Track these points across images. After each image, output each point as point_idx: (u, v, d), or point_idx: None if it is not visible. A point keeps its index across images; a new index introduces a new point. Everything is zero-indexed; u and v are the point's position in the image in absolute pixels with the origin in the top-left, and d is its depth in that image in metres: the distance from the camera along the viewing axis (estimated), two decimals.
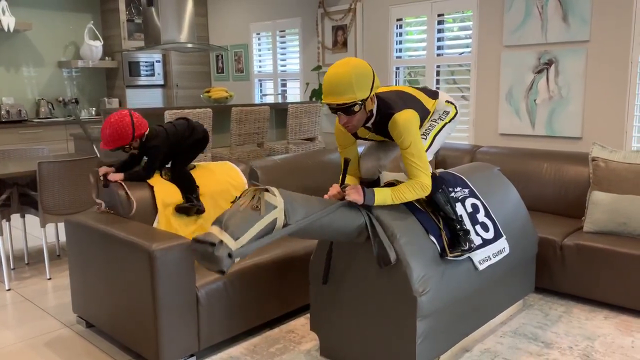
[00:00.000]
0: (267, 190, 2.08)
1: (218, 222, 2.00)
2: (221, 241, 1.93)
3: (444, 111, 2.59)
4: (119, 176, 3.07)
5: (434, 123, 2.55)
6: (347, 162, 2.41)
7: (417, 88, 2.59)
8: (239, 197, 2.10)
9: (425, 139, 2.49)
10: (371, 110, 2.33)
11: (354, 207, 2.31)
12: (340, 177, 2.43)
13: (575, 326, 2.99)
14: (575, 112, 4.64)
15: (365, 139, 2.54)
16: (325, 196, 2.34)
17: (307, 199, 2.21)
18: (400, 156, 2.61)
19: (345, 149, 2.55)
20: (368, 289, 2.44)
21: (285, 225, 2.10)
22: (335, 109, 2.24)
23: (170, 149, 3.17)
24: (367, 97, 2.24)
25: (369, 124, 2.40)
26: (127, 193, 3.01)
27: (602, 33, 4.43)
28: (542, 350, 2.74)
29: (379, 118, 2.36)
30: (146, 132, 3.10)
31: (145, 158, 3.20)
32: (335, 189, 2.35)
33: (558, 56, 4.68)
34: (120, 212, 3.00)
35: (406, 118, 2.29)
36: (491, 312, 2.87)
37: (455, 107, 2.64)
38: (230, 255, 1.93)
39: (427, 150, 2.47)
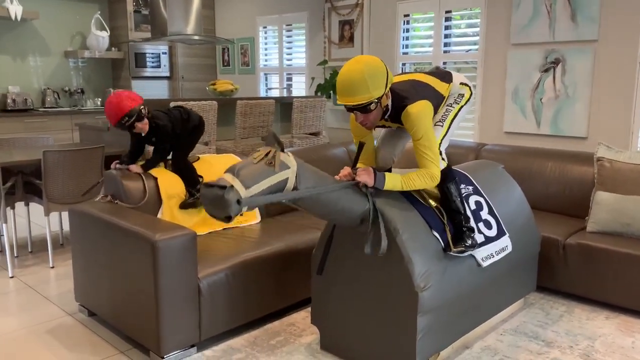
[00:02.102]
0: (282, 151, 2.10)
1: (231, 170, 2.02)
2: (232, 186, 1.94)
3: (459, 94, 2.56)
4: (138, 168, 3.14)
5: (449, 108, 2.52)
6: (361, 145, 2.42)
7: (430, 72, 2.56)
8: (255, 152, 2.11)
9: (442, 126, 2.47)
10: (387, 105, 2.33)
11: (362, 193, 2.32)
12: (354, 159, 2.43)
13: (576, 326, 2.99)
14: (581, 112, 4.62)
15: (381, 126, 2.54)
16: (336, 177, 2.35)
17: (319, 172, 2.24)
18: (412, 149, 2.61)
19: (362, 139, 2.55)
20: (370, 284, 2.44)
21: (294, 189, 2.11)
22: (352, 108, 2.24)
23: (174, 132, 3.18)
24: (383, 94, 2.23)
25: (384, 117, 2.40)
26: (144, 182, 3.09)
27: (611, 33, 4.41)
28: (542, 349, 2.74)
29: (393, 111, 2.36)
30: (150, 112, 3.14)
31: (153, 146, 3.22)
32: (346, 170, 2.35)
33: (565, 55, 4.66)
34: (130, 199, 3.01)
35: (419, 109, 2.29)
36: (492, 309, 2.87)
37: (470, 87, 2.61)
38: (238, 202, 1.93)
39: (444, 137, 2.46)
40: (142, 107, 3.03)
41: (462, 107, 2.55)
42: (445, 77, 2.56)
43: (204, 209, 2.02)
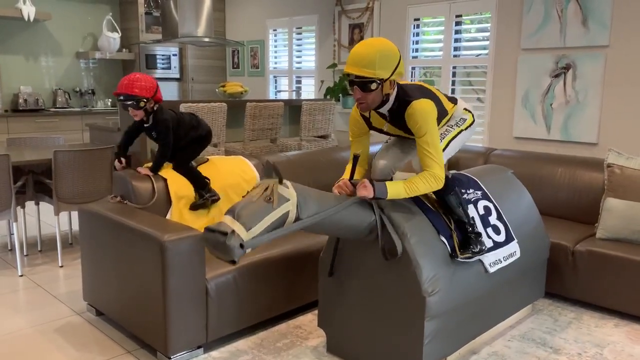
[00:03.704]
0: (280, 183, 2.09)
1: (231, 212, 2.01)
2: (233, 231, 1.94)
3: (461, 118, 2.58)
4: (147, 170, 3.15)
5: (449, 129, 2.53)
6: (356, 158, 2.40)
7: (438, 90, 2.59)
8: (253, 189, 2.11)
9: (440, 142, 2.47)
10: (388, 95, 2.30)
11: (366, 204, 2.31)
12: (349, 172, 2.42)
13: (584, 333, 2.97)
14: (592, 118, 4.60)
15: (379, 130, 2.51)
16: (334, 189, 2.34)
17: (320, 194, 2.22)
18: (413, 159, 2.60)
19: (358, 138, 2.54)
20: (377, 287, 2.44)
21: (297, 219, 2.11)
22: (353, 81, 2.23)
23: (176, 134, 3.19)
24: (387, 79, 2.22)
25: (384, 110, 2.37)
26: (152, 183, 3.10)
27: (622, 39, 4.39)
28: (550, 356, 2.72)
29: (396, 105, 2.33)
30: (160, 104, 3.16)
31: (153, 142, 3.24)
32: (345, 184, 2.33)
33: (576, 61, 4.64)
34: (139, 200, 3.03)
35: (424, 106, 2.28)
36: (500, 315, 2.85)
37: (473, 115, 2.63)
38: (241, 246, 1.94)
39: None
40: (144, 99, 3.03)
41: (461, 130, 2.56)
42: (451, 99, 2.60)
43: (209, 251, 2.02)
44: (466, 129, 2.58)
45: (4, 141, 4.68)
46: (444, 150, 2.47)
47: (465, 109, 2.62)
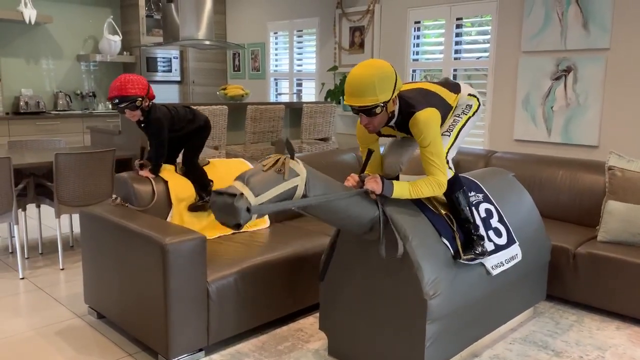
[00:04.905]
0: (292, 158, 2.11)
1: (241, 177, 2.03)
2: (242, 194, 1.95)
3: (467, 105, 2.57)
4: (148, 173, 3.15)
5: (457, 118, 2.53)
6: (370, 152, 2.42)
7: (439, 83, 2.57)
8: (265, 160, 2.12)
9: (449, 135, 2.48)
10: (393, 112, 2.33)
11: (371, 200, 2.32)
12: (362, 166, 2.43)
13: (586, 336, 2.96)
14: (593, 120, 4.60)
15: (387, 136, 2.54)
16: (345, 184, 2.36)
17: (328, 179, 2.25)
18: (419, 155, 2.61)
19: (367, 147, 2.55)
20: (378, 290, 2.43)
21: (304, 197, 2.12)
22: (357, 110, 2.25)
23: (172, 130, 3.18)
24: (389, 99, 2.24)
25: (391, 124, 2.40)
26: (152, 186, 3.11)
27: (623, 41, 4.39)
28: (552, 359, 2.71)
29: (400, 118, 2.36)
30: (153, 100, 3.14)
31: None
32: (353, 178, 2.35)
33: (577, 63, 4.64)
34: (140, 202, 3.03)
35: (427, 116, 2.29)
36: (501, 318, 2.85)
37: (478, 99, 2.62)
38: (248, 210, 1.94)
39: (451, 146, 2.47)
40: (139, 98, 3.01)
41: (469, 118, 2.56)
42: (454, 88, 2.58)
43: (214, 217, 2.02)
44: (473, 114, 2.58)
45: (5, 144, 4.69)
46: (453, 142, 2.48)
47: (469, 94, 2.60)
